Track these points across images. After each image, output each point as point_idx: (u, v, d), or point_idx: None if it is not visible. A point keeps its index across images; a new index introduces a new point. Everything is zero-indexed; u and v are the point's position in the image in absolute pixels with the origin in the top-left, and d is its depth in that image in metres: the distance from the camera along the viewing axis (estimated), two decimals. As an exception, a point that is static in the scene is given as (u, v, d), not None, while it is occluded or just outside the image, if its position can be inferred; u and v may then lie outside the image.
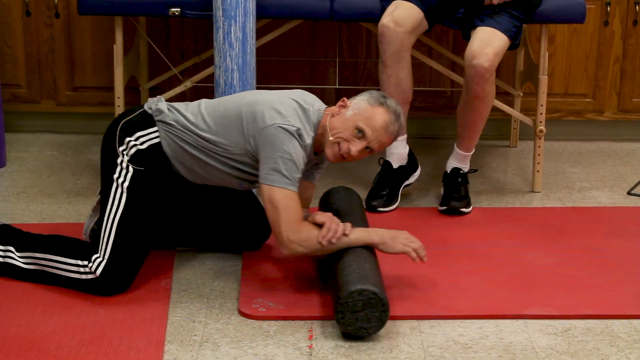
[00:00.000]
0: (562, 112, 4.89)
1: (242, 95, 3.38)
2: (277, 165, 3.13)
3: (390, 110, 3.26)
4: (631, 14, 4.74)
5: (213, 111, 3.30)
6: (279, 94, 3.31)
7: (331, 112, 3.29)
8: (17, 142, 4.77)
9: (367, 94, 3.31)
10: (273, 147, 3.14)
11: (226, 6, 3.80)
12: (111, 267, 3.23)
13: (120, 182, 3.26)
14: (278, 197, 3.13)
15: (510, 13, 3.92)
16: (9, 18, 4.74)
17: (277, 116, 3.16)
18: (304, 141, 3.19)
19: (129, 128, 3.31)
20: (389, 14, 3.91)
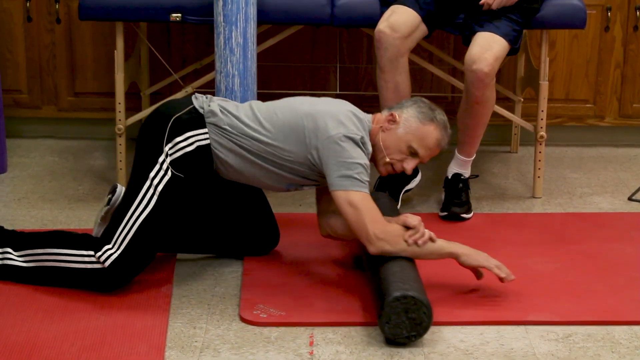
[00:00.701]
0: (563, 117, 4.89)
1: (298, 105, 3.36)
2: (349, 171, 3.16)
3: (441, 125, 3.35)
4: (632, 20, 4.74)
5: (270, 118, 3.30)
6: (334, 104, 3.34)
7: (380, 126, 3.34)
8: (18, 148, 4.76)
9: (416, 108, 3.35)
10: (340, 155, 3.18)
11: (227, 12, 3.79)
12: (121, 262, 3.24)
13: (155, 182, 3.25)
14: (357, 198, 3.16)
15: (510, 18, 3.91)
16: (10, 23, 4.74)
17: (340, 126, 3.20)
18: (367, 149, 3.25)
19: (180, 126, 3.28)
20: (385, 19, 3.91)
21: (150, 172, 3.26)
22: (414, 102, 3.40)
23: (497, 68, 3.84)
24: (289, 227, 3.76)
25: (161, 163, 3.25)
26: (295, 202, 4.15)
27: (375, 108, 4.36)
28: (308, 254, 3.66)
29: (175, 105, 3.40)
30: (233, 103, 3.40)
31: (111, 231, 3.27)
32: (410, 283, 3.06)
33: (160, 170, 3.25)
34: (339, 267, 3.56)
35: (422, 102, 3.40)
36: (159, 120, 3.33)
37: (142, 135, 3.36)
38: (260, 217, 3.61)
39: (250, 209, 3.60)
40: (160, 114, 3.37)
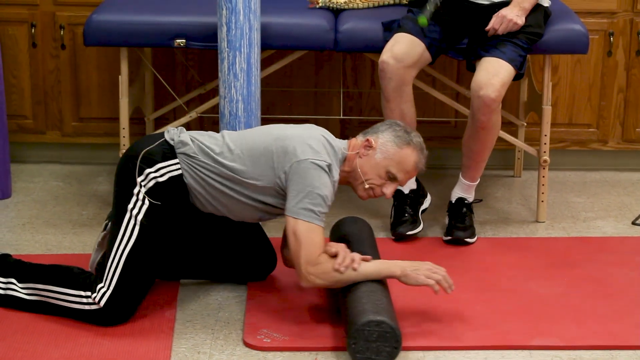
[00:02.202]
0: (566, 142, 4.88)
1: (268, 130, 3.37)
2: (305, 199, 3.15)
3: (417, 148, 3.35)
4: (634, 45, 4.74)
5: (240, 143, 3.30)
6: (306, 129, 3.35)
7: (357, 152, 3.33)
8: (22, 173, 4.76)
9: (392, 132, 3.36)
10: (303, 181, 3.16)
11: (231, 37, 3.80)
12: (115, 299, 3.23)
13: (134, 213, 3.24)
14: (301, 229, 3.15)
15: (515, 43, 3.92)
16: (15, 49, 4.75)
17: (309, 151, 3.19)
18: (334, 177, 3.24)
19: (150, 159, 3.29)
20: (388, 49, 3.91)
21: (128, 204, 3.26)
22: (389, 125, 3.40)
23: (503, 94, 3.84)
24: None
25: (137, 194, 3.26)
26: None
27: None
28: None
29: (146, 140, 3.40)
30: (208, 134, 3.39)
31: (102, 269, 3.27)
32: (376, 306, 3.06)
33: (138, 201, 3.26)
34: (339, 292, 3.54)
35: (397, 125, 3.40)
36: (131, 155, 3.34)
37: (117, 173, 3.36)
38: (256, 242, 3.60)
39: (245, 234, 3.58)
40: (131, 150, 3.38)
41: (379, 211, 4.28)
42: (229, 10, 3.79)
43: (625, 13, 4.71)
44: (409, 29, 3.96)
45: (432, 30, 3.96)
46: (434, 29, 3.97)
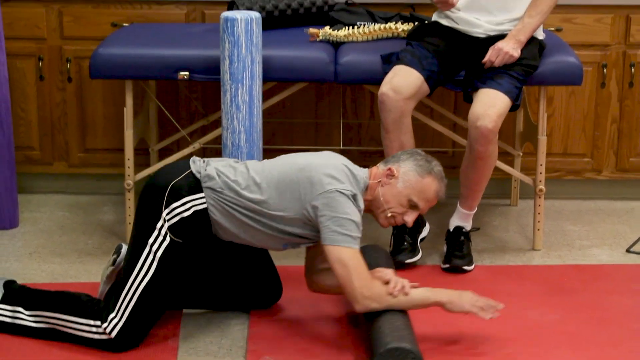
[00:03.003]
0: (561, 171, 4.88)
1: (291, 161, 3.36)
2: (341, 227, 3.16)
3: (438, 177, 3.36)
4: (627, 76, 4.74)
5: (264, 175, 3.29)
6: (328, 158, 3.34)
7: (379, 181, 3.34)
8: (29, 203, 4.76)
9: (413, 161, 3.36)
10: (334, 210, 3.17)
11: (233, 70, 3.80)
12: (127, 330, 3.22)
13: (154, 249, 3.22)
14: (347, 256, 3.16)
15: (511, 75, 3.92)
16: (23, 82, 4.75)
17: (334, 181, 3.20)
18: (359, 205, 3.25)
19: (177, 192, 3.26)
20: (388, 82, 3.91)
21: (149, 238, 3.24)
22: (410, 154, 3.40)
23: (500, 124, 3.84)
24: (292, 280, 3.73)
25: (159, 229, 3.24)
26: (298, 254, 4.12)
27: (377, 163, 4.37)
28: (311, 307, 3.64)
29: (172, 170, 3.37)
30: (230, 164, 3.38)
31: (115, 299, 3.25)
32: (398, 333, 3.07)
33: (159, 236, 3.24)
34: (342, 320, 3.53)
35: (419, 154, 3.41)
36: (158, 186, 3.30)
37: (141, 201, 3.33)
38: (263, 272, 3.59)
39: (253, 264, 3.58)
40: (158, 180, 3.35)
41: (378, 239, 4.27)
42: (231, 43, 3.79)
43: (618, 46, 4.72)
44: (407, 61, 3.97)
45: (430, 63, 3.97)
46: (432, 62, 3.98)
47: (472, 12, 4.05)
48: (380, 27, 4.34)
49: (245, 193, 3.25)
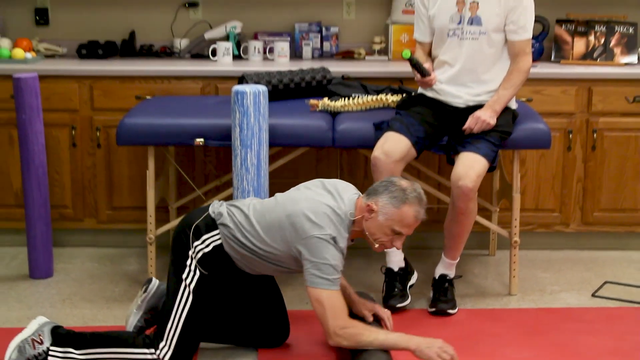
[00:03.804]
0: (534, 224, 4.86)
1: (283, 204, 3.36)
2: (319, 271, 3.18)
3: (414, 202, 3.31)
4: (590, 141, 4.75)
5: (260, 220, 3.32)
6: (314, 201, 3.30)
7: (362, 217, 3.31)
8: (62, 255, 4.73)
9: (388, 194, 3.31)
10: (314, 255, 3.19)
11: (243, 137, 3.81)
12: (176, 354, 3.27)
13: (187, 282, 3.29)
14: (323, 297, 3.19)
15: (488, 140, 3.93)
16: (58, 149, 4.75)
17: (315, 227, 3.21)
18: (339, 245, 3.24)
19: (198, 232, 3.33)
20: (380, 147, 3.91)
21: (183, 274, 3.31)
22: (385, 187, 3.34)
23: (479, 184, 3.84)
24: (299, 323, 3.71)
25: (189, 265, 3.31)
26: (303, 298, 4.10)
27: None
28: (317, 346, 3.60)
29: (195, 214, 3.43)
30: (239, 205, 3.40)
31: (163, 329, 3.29)
32: None
33: (190, 272, 3.30)
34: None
35: (393, 185, 3.34)
36: (183, 230, 3.38)
37: (173, 243, 3.40)
38: (275, 313, 3.57)
39: (267, 305, 3.57)
40: (184, 223, 3.41)
41: (372, 286, 4.25)
42: (241, 113, 3.80)
43: (582, 114, 4.73)
44: (397, 128, 3.97)
45: (417, 130, 3.98)
46: (419, 129, 3.98)
47: (453, 85, 4.07)
48: (372, 99, 4.35)
49: (247, 234, 3.30)
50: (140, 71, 4.71)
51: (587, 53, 4.97)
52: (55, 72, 4.70)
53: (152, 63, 4.89)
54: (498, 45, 4.02)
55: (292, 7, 5.24)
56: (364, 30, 5.25)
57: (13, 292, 4.27)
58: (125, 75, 4.70)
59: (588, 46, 4.97)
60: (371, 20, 5.24)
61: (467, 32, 4.01)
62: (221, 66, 4.85)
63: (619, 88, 4.70)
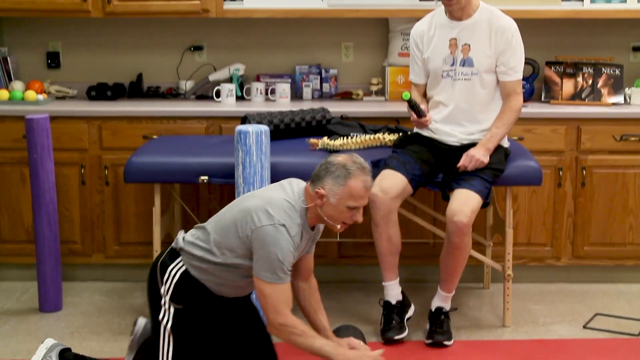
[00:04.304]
0: (526, 258, 4.84)
1: (235, 204, 3.30)
2: (267, 264, 3.11)
3: (358, 173, 3.20)
4: (579, 178, 4.74)
5: (216, 227, 3.24)
6: (271, 193, 3.24)
7: (314, 204, 3.22)
8: (71, 289, 4.71)
9: (331, 176, 3.19)
10: (264, 246, 3.11)
11: (246, 175, 3.80)
12: None
13: (164, 324, 3.20)
14: (267, 290, 3.12)
15: (481, 177, 3.92)
16: (68, 186, 4.75)
17: (264, 218, 3.13)
18: (291, 232, 3.14)
19: (163, 267, 3.26)
20: (377, 184, 3.91)
21: (159, 316, 3.23)
22: (325, 169, 3.21)
23: (473, 219, 3.83)
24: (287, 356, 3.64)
25: (163, 304, 3.23)
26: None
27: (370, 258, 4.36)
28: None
29: (160, 254, 3.38)
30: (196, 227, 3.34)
31: None
32: None
33: (165, 311, 3.23)
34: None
35: (332, 165, 3.21)
36: (151, 270, 3.33)
37: (147, 288, 3.35)
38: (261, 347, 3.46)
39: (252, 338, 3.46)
40: (152, 265, 3.36)
41: (370, 318, 4.22)
42: (244, 152, 3.79)
43: (572, 152, 4.73)
44: (394, 166, 3.97)
45: (413, 167, 3.97)
46: (415, 166, 3.98)
47: (448, 124, 4.07)
48: (370, 138, 4.35)
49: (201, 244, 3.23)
50: (147, 112, 4.71)
51: (576, 93, 4.97)
52: (65, 113, 4.71)
53: (159, 104, 4.90)
54: (490, 86, 4.03)
55: (292, 50, 5.26)
56: (361, 72, 5.27)
57: (23, 325, 4.25)
58: (132, 116, 4.70)
59: (576, 87, 4.97)
60: (369, 62, 5.26)
61: (460, 73, 4.02)
62: (225, 107, 4.85)
63: (606, 127, 4.70)
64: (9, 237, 4.82)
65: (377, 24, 5.22)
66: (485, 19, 4.01)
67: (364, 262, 4.79)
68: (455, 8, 3.98)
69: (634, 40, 5.19)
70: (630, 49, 5.20)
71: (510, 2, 4.82)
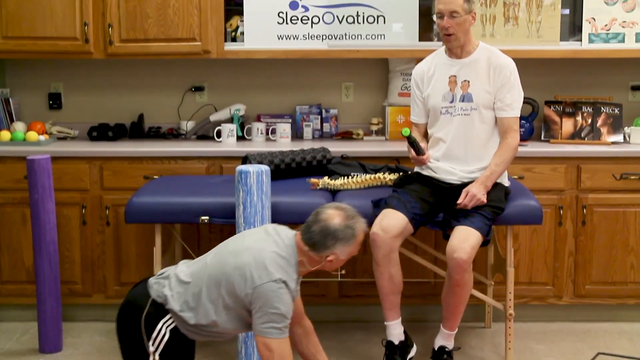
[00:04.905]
0: (528, 297, 4.82)
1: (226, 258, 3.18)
2: (270, 320, 3.07)
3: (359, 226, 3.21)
4: (580, 216, 4.73)
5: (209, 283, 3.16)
6: (257, 248, 3.16)
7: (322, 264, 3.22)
8: (72, 330, 4.68)
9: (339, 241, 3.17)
10: (265, 304, 3.07)
11: (247, 214, 3.79)
12: None
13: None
14: (274, 345, 3.08)
15: (481, 214, 3.92)
16: (69, 227, 4.74)
17: (264, 274, 3.09)
18: (290, 287, 3.13)
19: (150, 322, 3.16)
20: (378, 223, 3.90)
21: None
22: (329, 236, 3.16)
23: (473, 256, 3.81)
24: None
25: (150, 354, 3.15)
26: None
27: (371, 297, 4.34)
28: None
29: (136, 298, 3.24)
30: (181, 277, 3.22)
31: None
32: None
33: None
34: None
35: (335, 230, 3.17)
36: (132, 318, 3.20)
37: (121, 333, 3.24)
38: None
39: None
40: (131, 313, 3.23)
41: (372, 358, 4.19)
42: (244, 192, 3.79)
43: (572, 190, 4.73)
44: (394, 205, 3.97)
45: (414, 206, 3.97)
46: (416, 205, 3.98)
47: (448, 161, 4.08)
48: (370, 177, 4.35)
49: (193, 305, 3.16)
50: (148, 152, 4.72)
51: (575, 132, 4.98)
52: (67, 153, 4.72)
53: (160, 144, 4.91)
54: (489, 122, 4.04)
55: (293, 90, 5.28)
56: (362, 112, 5.28)
57: (23, 366, 4.23)
58: (134, 156, 4.71)
59: (576, 126, 4.99)
60: (369, 102, 5.28)
61: (459, 109, 4.04)
62: (225, 147, 4.86)
63: (606, 166, 4.70)
64: (9, 278, 4.80)
65: (377, 64, 5.25)
66: (485, 57, 4.04)
67: (365, 301, 4.77)
68: (454, 44, 4.01)
69: (633, 80, 5.22)
70: (629, 88, 5.22)
71: (510, 42, 4.85)
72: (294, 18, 4.91)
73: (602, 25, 4.89)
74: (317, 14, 4.90)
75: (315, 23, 4.90)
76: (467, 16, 3.98)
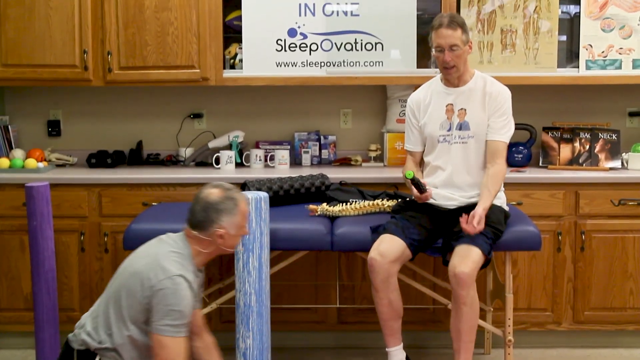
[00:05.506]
0: (527, 323, 4.80)
1: (122, 272, 3.26)
2: (168, 316, 3.09)
3: (238, 196, 3.30)
4: (579, 242, 4.73)
5: (110, 304, 3.21)
6: (150, 252, 3.23)
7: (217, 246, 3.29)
8: (70, 357, 4.66)
9: (222, 213, 3.27)
10: (161, 300, 3.10)
11: (245, 240, 3.78)
12: None
13: None
14: (167, 342, 3.08)
15: (482, 233, 3.89)
16: (67, 254, 4.73)
17: (160, 273, 3.12)
18: (189, 280, 3.16)
19: None
20: (375, 248, 3.90)
21: None
22: (211, 209, 3.27)
23: (476, 271, 3.79)
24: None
25: None
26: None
27: (371, 324, 4.33)
28: None
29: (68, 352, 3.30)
30: (90, 313, 3.31)
31: None
32: None
33: None
34: None
35: (216, 203, 3.28)
36: None
37: None
38: None
39: None
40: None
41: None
42: (243, 218, 3.78)
43: (570, 216, 4.72)
44: (392, 230, 3.96)
45: (412, 232, 3.96)
46: (414, 231, 3.97)
47: (447, 188, 4.08)
48: (369, 204, 4.35)
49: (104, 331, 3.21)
50: (147, 179, 4.72)
51: (573, 158, 4.99)
52: (65, 180, 4.71)
53: (159, 171, 4.91)
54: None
55: (291, 117, 5.29)
56: (360, 138, 5.29)
57: (21, 394, 4.20)
58: (132, 183, 4.71)
59: (574, 152, 4.99)
60: (367, 129, 5.29)
61: (457, 137, 4.04)
62: (224, 174, 4.86)
63: (604, 191, 4.70)
64: (7, 305, 4.78)
65: (375, 91, 5.26)
66: (480, 85, 4.06)
67: (365, 327, 4.75)
68: (454, 76, 4.03)
69: (630, 106, 5.23)
70: (627, 114, 5.24)
71: (508, 69, 4.86)
72: (293, 45, 4.93)
73: (599, 51, 4.91)
74: (315, 41, 4.92)
75: (314, 50, 4.92)
76: (466, 47, 4.00)
